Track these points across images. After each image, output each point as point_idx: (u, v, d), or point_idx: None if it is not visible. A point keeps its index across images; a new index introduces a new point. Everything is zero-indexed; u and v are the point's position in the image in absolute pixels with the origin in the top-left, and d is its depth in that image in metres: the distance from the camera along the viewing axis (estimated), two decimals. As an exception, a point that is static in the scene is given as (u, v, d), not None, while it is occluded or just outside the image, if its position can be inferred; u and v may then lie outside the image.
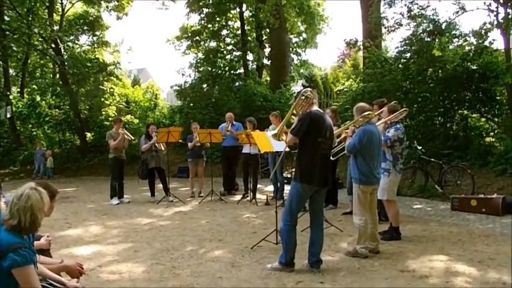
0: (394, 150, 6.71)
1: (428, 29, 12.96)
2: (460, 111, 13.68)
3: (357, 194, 5.97)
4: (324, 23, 26.40)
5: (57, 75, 23.38)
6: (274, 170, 7.98)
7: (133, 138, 11.43)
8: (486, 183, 10.89)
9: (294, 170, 7.39)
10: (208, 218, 8.94)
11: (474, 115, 13.65)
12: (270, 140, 6.85)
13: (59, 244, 6.91)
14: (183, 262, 5.90)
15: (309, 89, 5.57)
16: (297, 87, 26.02)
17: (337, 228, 7.56)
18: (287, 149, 6.41)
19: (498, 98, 13.07)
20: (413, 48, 13.43)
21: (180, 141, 11.67)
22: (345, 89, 19.49)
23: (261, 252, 6.30)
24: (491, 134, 13.33)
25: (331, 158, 5.53)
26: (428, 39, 13.01)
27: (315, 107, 5.45)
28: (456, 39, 13.22)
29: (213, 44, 26.28)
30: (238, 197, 11.44)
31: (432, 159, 11.03)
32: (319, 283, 5.03)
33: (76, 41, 22.71)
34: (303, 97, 5.39)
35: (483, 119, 13.55)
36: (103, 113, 22.47)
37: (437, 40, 13.18)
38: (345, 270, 5.44)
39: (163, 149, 11.37)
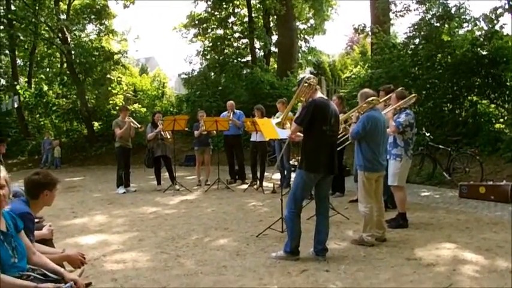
0: (405, 136, 6.62)
1: (437, 14, 12.76)
2: (469, 98, 13.51)
3: (361, 181, 5.88)
4: (331, 9, 26.15)
5: (65, 65, 23.36)
6: (280, 157, 7.89)
7: (139, 126, 11.37)
8: (495, 170, 10.76)
9: (300, 157, 7.34)
10: (214, 207, 8.91)
11: (483, 101, 13.46)
12: (275, 127, 6.76)
13: (65, 233, 6.91)
14: (188, 251, 5.86)
15: (311, 75, 5.47)
16: (304, 74, 25.84)
17: (344, 215, 7.50)
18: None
19: (508, 83, 12.87)
20: (422, 33, 13.24)
21: (186, 129, 11.58)
22: (353, 76, 19.30)
23: (267, 240, 6.25)
24: (501, 120, 13.17)
25: (337, 145, 5.44)
26: (437, 24, 12.81)
27: (319, 94, 5.37)
28: (466, 24, 13.02)
29: (220, 31, 26.11)
30: (245, 186, 11.40)
31: (440, 146, 10.91)
32: (324, 271, 4.96)
33: (83, 30, 22.60)
34: (306, 84, 5.29)
35: (493, 105, 13.36)
36: (110, 102, 22.47)
37: (446, 25, 12.98)
38: (350, 259, 5.38)
39: (169, 137, 11.32)
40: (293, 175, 10.87)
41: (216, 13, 25.23)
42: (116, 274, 5.05)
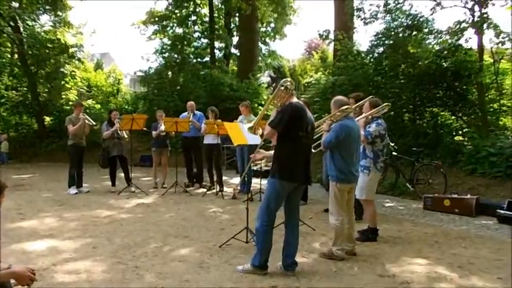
0: (374, 147, 6.38)
1: (405, 24, 12.75)
2: (430, 109, 13.56)
3: (333, 192, 5.56)
4: (294, 13, 26.07)
5: (15, 55, 22.32)
6: (248, 167, 7.49)
7: (94, 123, 10.80)
8: (457, 182, 10.76)
9: (260, 162, 7.01)
10: (173, 212, 8.47)
11: (445, 113, 13.54)
12: (244, 132, 6.42)
13: (11, 238, 6.34)
14: (147, 261, 5.41)
15: (288, 79, 5.13)
16: (264, 78, 25.70)
17: (309, 226, 7.21)
18: (262, 143, 5.96)
19: (469, 96, 12.98)
20: (388, 42, 13.22)
21: (145, 129, 11.09)
22: (313, 82, 19.17)
23: (230, 251, 5.87)
24: (460, 132, 13.27)
25: (311, 153, 5.13)
26: (405, 34, 12.80)
27: (295, 99, 5.05)
28: (431, 36, 13.04)
29: (179, 30, 25.64)
30: (203, 189, 11.01)
31: (403, 156, 10.82)
32: (294, 288, 4.65)
33: (35, 20, 21.60)
34: (283, 87, 4.95)
35: (453, 117, 13.45)
36: (63, 96, 21.64)
37: (413, 36, 12.99)
38: (321, 274, 5.07)
39: (126, 136, 10.82)
40: (254, 181, 10.69)
41: (176, 11, 24.74)
42: (67, 286, 4.57)
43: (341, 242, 5.58)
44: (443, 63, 12.82)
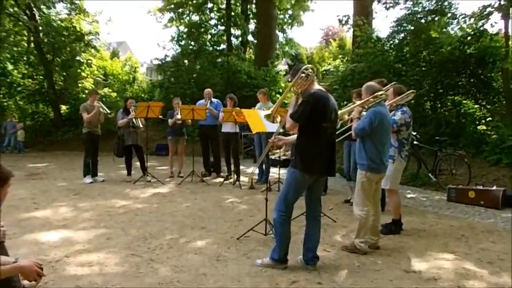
0: (400, 136, 6.11)
1: (427, 8, 12.34)
2: (452, 97, 13.17)
3: (361, 182, 5.29)
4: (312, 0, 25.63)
5: (32, 44, 22.27)
6: (265, 153, 7.24)
7: (109, 111, 10.61)
8: (481, 173, 10.42)
9: (278, 151, 6.73)
10: (189, 202, 8.27)
11: (467, 101, 13.14)
12: (263, 120, 6.17)
13: (23, 228, 6.21)
14: (162, 254, 5.21)
15: (310, 65, 4.85)
16: (281, 65, 25.39)
17: (330, 218, 6.97)
18: (281, 130, 5.71)
19: (494, 84, 12.57)
20: (409, 28, 12.82)
21: (160, 117, 10.89)
22: (332, 69, 18.80)
23: (249, 243, 5.65)
24: (483, 121, 12.87)
25: (335, 142, 4.86)
26: (428, 19, 12.40)
27: (316, 86, 4.78)
28: (455, 21, 12.62)
29: (196, 17, 25.39)
30: (220, 179, 10.81)
31: (425, 146, 10.51)
32: (316, 284, 4.41)
33: (50, 8, 21.49)
34: (303, 75, 4.67)
35: (476, 106, 13.05)
36: (79, 85, 21.61)
37: (436, 20, 12.58)
38: (343, 269, 4.83)
39: (141, 125, 10.63)
40: (272, 170, 10.48)
41: (193, -2, 24.51)
42: (80, 280, 4.39)
43: (364, 234, 5.34)
44: (467, 50, 12.39)
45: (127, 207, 7.74)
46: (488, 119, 12.72)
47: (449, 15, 12.50)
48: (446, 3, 12.34)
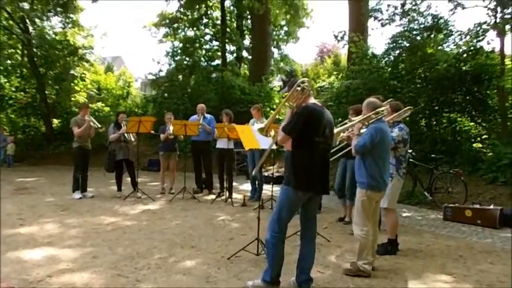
0: (397, 153, 5.95)
1: (423, 25, 12.29)
2: (448, 114, 13.07)
3: (361, 200, 5.12)
4: (307, 16, 25.66)
5: (26, 57, 22.15)
6: (258, 167, 7.06)
7: (100, 126, 10.40)
8: (477, 191, 10.28)
9: (271, 167, 6.53)
10: (179, 220, 8.05)
11: (463, 119, 13.04)
12: (256, 136, 6.00)
13: (7, 245, 5.97)
14: (149, 274, 4.99)
15: (306, 79, 4.70)
16: (276, 82, 25.33)
17: (324, 237, 6.77)
18: (274, 147, 5.53)
19: (489, 102, 12.49)
20: (405, 44, 12.75)
21: (152, 132, 10.70)
22: (326, 86, 18.71)
23: (240, 263, 5.44)
24: (479, 139, 12.77)
25: (329, 159, 4.68)
26: (423, 35, 12.34)
27: (312, 100, 4.63)
28: (452, 38, 12.57)
29: (191, 33, 25.40)
30: (212, 196, 10.60)
31: (421, 164, 10.37)
32: (309, 308, 4.22)
33: (44, 20, 21.41)
34: (299, 88, 4.52)
35: (472, 124, 12.94)
36: (72, 98, 21.40)
37: (432, 37, 12.52)
38: (338, 292, 4.65)
39: (133, 139, 10.45)
40: (265, 187, 10.29)
41: (188, 13, 24.49)
42: (61, 302, 4.18)
43: (366, 255, 5.12)
44: (463, 67, 12.33)
45: (115, 224, 7.51)
46: (484, 137, 12.63)
47: (445, 32, 12.42)
48: (442, 20, 12.27)
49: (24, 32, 19.26)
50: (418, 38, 12.72)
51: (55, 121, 21.36)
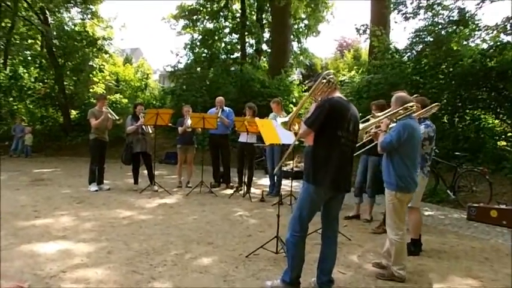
0: (422, 150, 5.69)
1: (448, 19, 11.95)
2: (471, 111, 12.74)
3: (391, 203, 4.87)
4: (327, 10, 25.32)
5: (45, 49, 22.19)
6: (279, 165, 6.84)
7: (117, 118, 10.29)
8: (501, 191, 9.98)
9: (290, 162, 6.33)
10: (196, 214, 7.90)
11: (487, 116, 12.70)
12: (277, 130, 5.82)
13: (20, 238, 5.88)
14: (165, 271, 4.85)
15: (331, 71, 4.50)
16: (295, 75, 25.11)
17: (344, 235, 6.55)
18: (296, 142, 5.33)
19: (515, 98, 12.15)
20: (429, 39, 12.43)
21: (170, 124, 10.56)
22: (347, 80, 18.44)
23: (258, 262, 5.27)
24: (503, 137, 12.43)
25: (353, 156, 4.45)
26: (448, 30, 12.00)
27: (338, 94, 4.42)
28: (478, 32, 12.20)
29: (210, 25, 25.25)
30: (229, 191, 10.44)
31: (443, 161, 10.10)
32: (331, 311, 4.04)
33: (66, 12, 21.40)
34: (325, 80, 4.33)
35: (496, 121, 12.60)
36: (90, 90, 21.40)
37: (457, 32, 12.18)
38: (360, 294, 4.46)
39: (151, 132, 10.32)
40: (284, 182, 10.10)
41: (207, 5, 24.34)
42: (73, 300, 4.04)
43: (402, 259, 4.88)
44: (489, 63, 11.97)
45: (131, 219, 7.38)
46: (509, 135, 12.29)
47: (471, 26, 12.07)
48: (468, 14, 11.92)
49: (44, 23, 19.23)
50: (443, 32, 12.40)
51: (73, 112, 21.38)
